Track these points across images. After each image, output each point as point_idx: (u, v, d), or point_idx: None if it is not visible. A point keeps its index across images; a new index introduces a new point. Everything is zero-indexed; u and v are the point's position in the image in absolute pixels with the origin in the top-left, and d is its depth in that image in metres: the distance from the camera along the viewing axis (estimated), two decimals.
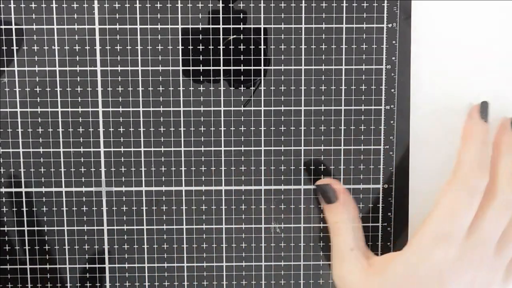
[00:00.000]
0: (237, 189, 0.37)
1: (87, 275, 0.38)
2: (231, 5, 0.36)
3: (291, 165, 0.37)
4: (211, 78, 0.36)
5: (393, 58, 0.36)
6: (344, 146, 0.37)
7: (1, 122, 0.36)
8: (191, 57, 0.36)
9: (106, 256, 0.38)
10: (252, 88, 0.36)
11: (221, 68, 0.36)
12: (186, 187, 0.37)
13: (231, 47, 0.36)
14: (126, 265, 0.38)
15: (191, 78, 0.36)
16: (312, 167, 0.37)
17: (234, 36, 0.36)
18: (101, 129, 0.37)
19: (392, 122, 0.37)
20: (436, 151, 0.37)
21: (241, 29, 0.36)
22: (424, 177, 0.37)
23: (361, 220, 0.37)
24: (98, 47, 0.36)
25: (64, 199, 0.37)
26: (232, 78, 0.36)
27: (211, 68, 0.36)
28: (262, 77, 0.36)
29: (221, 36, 0.36)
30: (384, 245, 0.38)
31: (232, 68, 0.36)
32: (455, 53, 0.37)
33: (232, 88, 0.36)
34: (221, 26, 0.36)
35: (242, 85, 0.36)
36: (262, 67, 0.36)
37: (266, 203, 0.37)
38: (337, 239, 0.36)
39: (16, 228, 0.37)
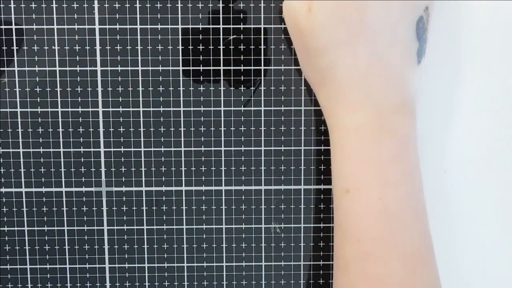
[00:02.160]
0: (237, 189, 0.37)
1: (87, 275, 0.38)
2: (231, 5, 0.36)
3: (291, 165, 0.37)
4: (211, 78, 0.36)
5: None
6: None
7: (1, 122, 0.36)
8: (191, 57, 0.36)
9: (106, 256, 0.38)
10: (252, 88, 0.36)
11: (221, 68, 0.36)
12: (186, 187, 0.37)
13: (231, 47, 0.36)
14: (126, 265, 0.38)
15: (191, 78, 0.36)
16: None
17: (234, 36, 0.36)
18: (101, 129, 0.37)
19: None
20: (436, 151, 0.37)
21: (241, 29, 0.36)
22: (424, 177, 0.37)
23: None
24: (98, 47, 0.36)
25: (64, 199, 0.37)
26: (232, 78, 0.36)
27: (211, 68, 0.36)
28: (262, 77, 0.36)
29: (221, 36, 0.36)
30: None
31: (232, 68, 0.36)
32: (455, 53, 0.37)
33: (232, 88, 0.36)
34: (221, 26, 0.36)
35: (242, 85, 0.36)
36: (262, 67, 0.36)
37: (266, 203, 0.37)
38: None
39: (16, 228, 0.37)
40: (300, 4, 0.31)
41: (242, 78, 0.36)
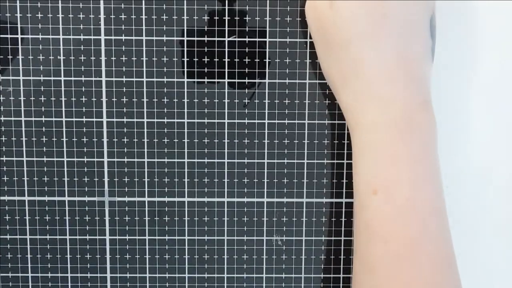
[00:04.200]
0: (240, 201, 0.37)
1: (89, 284, 0.38)
2: (236, 18, 0.36)
3: (294, 178, 0.37)
4: (216, 91, 0.36)
5: None
6: (347, 160, 0.37)
7: (5, 131, 0.37)
8: (196, 69, 0.36)
9: (108, 266, 0.38)
10: (257, 83, 0.37)
11: (226, 80, 0.36)
12: (188, 198, 0.37)
13: (236, 60, 0.36)
14: (128, 275, 0.38)
15: (195, 90, 0.36)
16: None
17: (234, 37, 0.36)
18: (105, 139, 0.37)
19: None
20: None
21: (246, 36, 0.36)
22: None
23: None
24: (103, 58, 0.36)
25: (66, 208, 0.37)
26: (236, 91, 0.36)
27: (216, 80, 0.36)
28: (266, 79, 0.36)
29: (226, 49, 0.36)
30: None
31: (236, 81, 0.36)
32: (455, 53, 0.37)
33: (236, 101, 0.37)
34: (226, 39, 0.36)
35: (246, 98, 0.37)
36: (266, 70, 0.36)
37: (268, 215, 0.38)
38: None
39: (18, 236, 0.37)
40: (322, 1, 0.32)
41: (246, 91, 0.36)
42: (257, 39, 0.36)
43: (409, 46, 0.31)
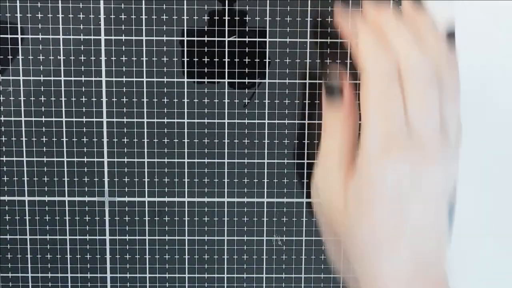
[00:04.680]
0: (240, 201, 0.37)
1: (89, 284, 0.38)
2: (236, 18, 0.36)
3: (294, 178, 0.37)
4: (216, 90, 0.36)
5: None
6: None
7: (5, 131, 0.37)
8: (196, 69, 0.36)
9: (108, 266, 0.38)
10: (257, 83, 0.37)
11: (226, 80, 0.36)
12: (188, 198, 0.37)
13: (236, 59, 0.36)
14: (128, 275, 0.38)
15: (195, 90, 0.36)
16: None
17: (234, 37, 0.36)
18: (105, 139, 0.37)
19: None
20: None
21: (246, 37, 0.36)
22: None
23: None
24: (103, 58, 0.36)
25: (67, 208, 0.37)
26: (236, 91, 0.36)
27: (216, 80, 0.36)
28: (266, 79, 0.36)
29: (226, 49, 0.36)
30: None
31: (236, 81, 0.36)
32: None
33: (236, 101, 0.37)
34: (226, 39, 0.36)
35: (246, 98, 0.37)
36: (266, 70, 0.36)
37: (268, 215, 0.38)
38: (328, 141, 0.32)
39: (18, 237, 0.38)
40: (336, 200, 0.30)
41: (246, 91, 0.36)
42: (257, 39, 0.36)
43: (425, 248, 0.29)
